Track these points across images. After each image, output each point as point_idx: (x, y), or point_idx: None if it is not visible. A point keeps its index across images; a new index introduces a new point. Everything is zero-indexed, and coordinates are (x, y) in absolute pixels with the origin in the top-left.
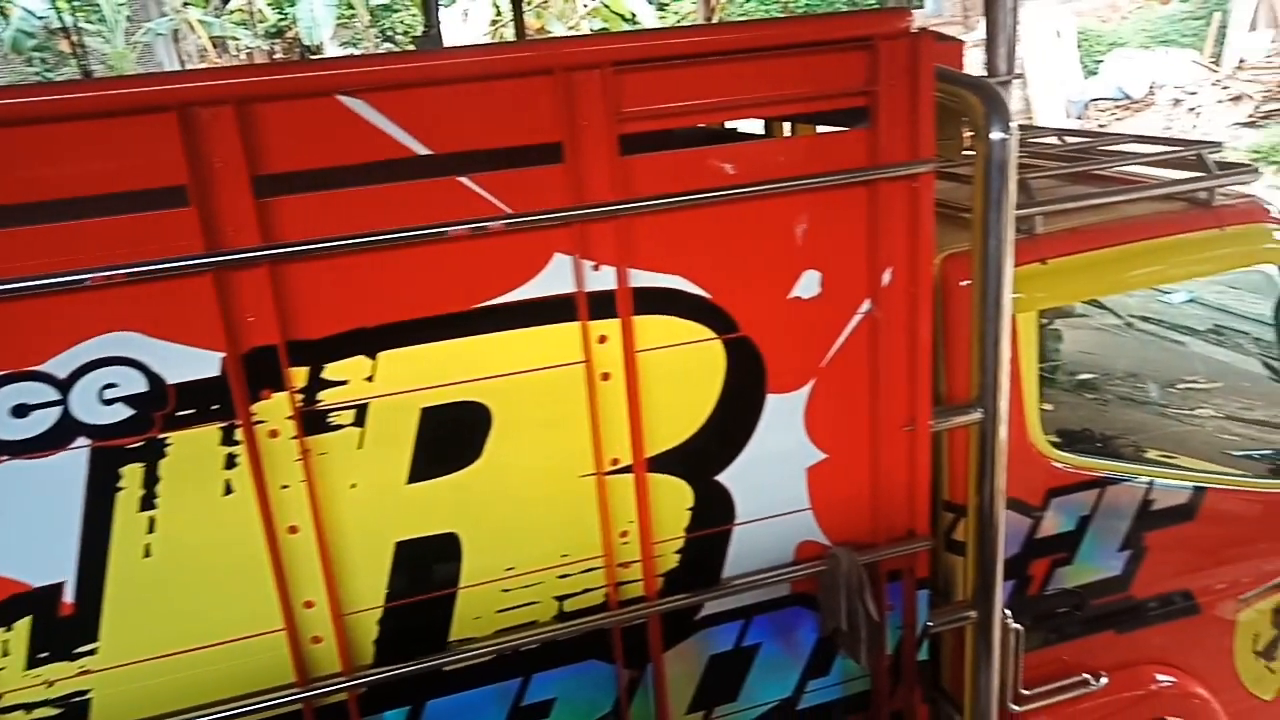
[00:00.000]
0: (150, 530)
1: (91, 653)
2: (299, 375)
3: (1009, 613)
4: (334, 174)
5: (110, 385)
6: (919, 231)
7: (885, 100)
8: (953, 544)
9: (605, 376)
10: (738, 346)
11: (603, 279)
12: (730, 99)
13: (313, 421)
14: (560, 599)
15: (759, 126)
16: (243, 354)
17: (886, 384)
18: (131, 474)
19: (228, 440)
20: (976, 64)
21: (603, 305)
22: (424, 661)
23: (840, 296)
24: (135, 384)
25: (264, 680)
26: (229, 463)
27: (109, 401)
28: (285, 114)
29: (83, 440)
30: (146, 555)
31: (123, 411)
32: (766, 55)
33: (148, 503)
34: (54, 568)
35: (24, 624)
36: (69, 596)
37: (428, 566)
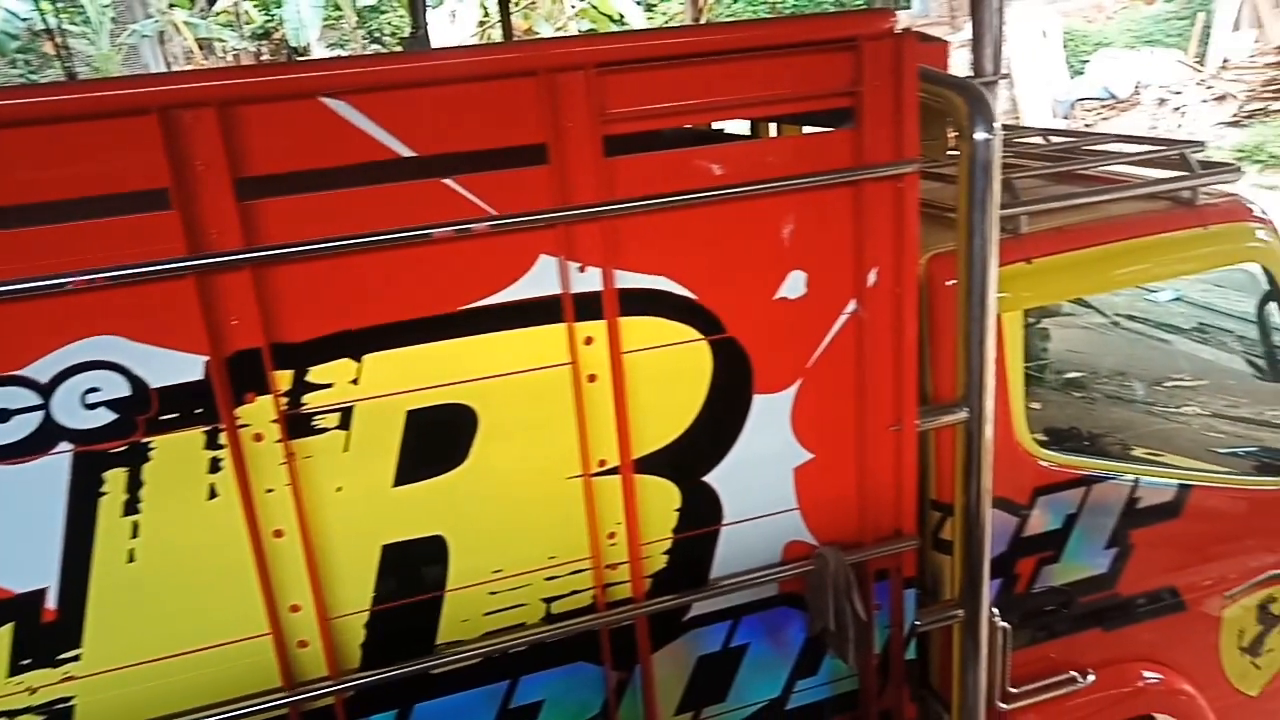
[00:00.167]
0: (134, 535)
1: (75, 659)
2: (283, 378)
3: (996, 611)
4: (317, 176)
5: (93, 389)
6: (904, 232)
7: (870, 101)
8: (940, 543)
9: (592, 378)
10: (724, 347)
11: (588, 280)
12: (715, 100)
13: (297, 425)
14: (548, 601)
15: (745, 127)
16: (226, 357)
17: (873, 384)
18: (115, 479)
19: (212, 444)
20: (964, 65)
21: (589, 307)
22: (411, 665)
23: (826, 297)
24: (118, 388)
25: (250, 685)
26: (213, 467)
27: (91, 406)
28: (268, 116)
29: (65, 445)
30: (130, 560)
31: (105, 416)
32: (750, 56)
33: (131, 507)
34: (36, 573)
35: (6, 631)
36: (51, 602)
37: (415, 569)
